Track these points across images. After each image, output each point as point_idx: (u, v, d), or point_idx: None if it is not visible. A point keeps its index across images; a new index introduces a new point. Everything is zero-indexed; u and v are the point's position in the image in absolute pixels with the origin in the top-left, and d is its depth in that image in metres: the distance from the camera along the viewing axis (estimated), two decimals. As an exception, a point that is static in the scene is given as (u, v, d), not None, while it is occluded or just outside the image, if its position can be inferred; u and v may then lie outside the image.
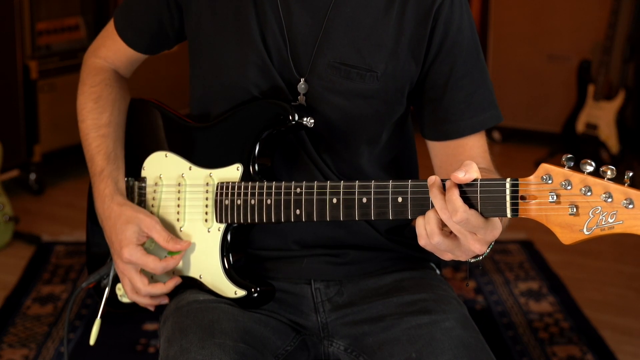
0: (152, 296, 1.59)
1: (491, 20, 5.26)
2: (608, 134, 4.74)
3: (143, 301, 1.60)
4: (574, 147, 4.82)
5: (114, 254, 1.60)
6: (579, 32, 4.99)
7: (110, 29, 1.71)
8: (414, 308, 1.55)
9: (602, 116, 4.76)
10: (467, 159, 1.54)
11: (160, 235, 1.55)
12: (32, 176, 4.23)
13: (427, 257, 1.69)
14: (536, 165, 1.27)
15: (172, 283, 1.57)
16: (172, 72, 4.66)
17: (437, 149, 1.61)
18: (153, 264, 1.55)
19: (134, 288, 1.59)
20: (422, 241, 1.33)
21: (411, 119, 1.70)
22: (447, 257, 1.35)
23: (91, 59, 1.74)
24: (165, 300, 1.60)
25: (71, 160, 4.44)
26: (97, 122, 1.66)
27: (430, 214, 1.31)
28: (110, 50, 1.71)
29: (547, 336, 3.00)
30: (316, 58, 1.54)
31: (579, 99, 4.86)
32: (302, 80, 1.55)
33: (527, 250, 3.73)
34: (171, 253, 1.58)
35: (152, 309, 1.63)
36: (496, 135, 5.29)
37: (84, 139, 1.67)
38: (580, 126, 4.83)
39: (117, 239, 1.57)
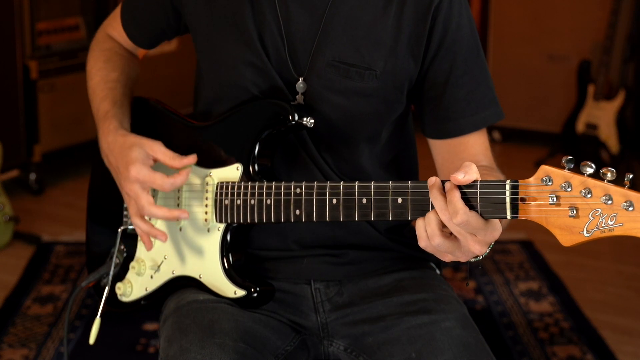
0: (152, 229, 1.54)
1: (491, 20, 5.25)
2: (608, 134, 4.73)
3: (144, 227, 1.54)
4: (574, 147, 4.81)
5: (121, 179, 1.55)
6: (579, 32, 4.99)
7: (119, 12, 1.74)
8: (414, 308, 1.55)
9: (602, 116, 4.76)
10: (469, 156, 1.55)
11: (164, 155, 1.52)
12: (32, 176, 4.23)
13: (427, 257, 1.69)
14: (536, 166, 1.27)
15: (177, 212, 1.51)
16: (172, 72, 4.65)
17: (439, 147, 1.61)
18: (161, 180, 1.50)
19: (138, 208, 1.53)
20: (423, 243, 1.33)
21: (412, 118, 1.70)
22: (447, 258, 1.35)
23: (101, 33, 1.79)
24: (162, 237, 1.55)
25: (71, 160, 4.44)
26: (106, 78, 1.69)
27: (430, 215, 1.31)
28: (117, 32, 1.76)
29: (547, 336, 3.00)
30: (315, 57, 1.54)
31: (579, 99, 4.86)
32: (300, 79, 1.55)
33: (527, 251, 3.73)
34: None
35: (148, 247, 1.58)
36: (496, 135, 5.29)
37: (92, 94, 1.69)
38: (580, 126, 4.83)
39: (124, 161, 1.53)
